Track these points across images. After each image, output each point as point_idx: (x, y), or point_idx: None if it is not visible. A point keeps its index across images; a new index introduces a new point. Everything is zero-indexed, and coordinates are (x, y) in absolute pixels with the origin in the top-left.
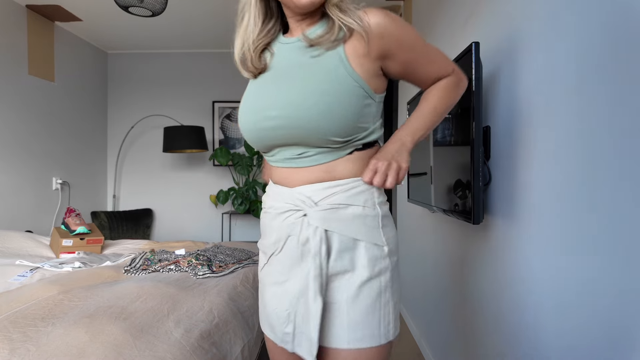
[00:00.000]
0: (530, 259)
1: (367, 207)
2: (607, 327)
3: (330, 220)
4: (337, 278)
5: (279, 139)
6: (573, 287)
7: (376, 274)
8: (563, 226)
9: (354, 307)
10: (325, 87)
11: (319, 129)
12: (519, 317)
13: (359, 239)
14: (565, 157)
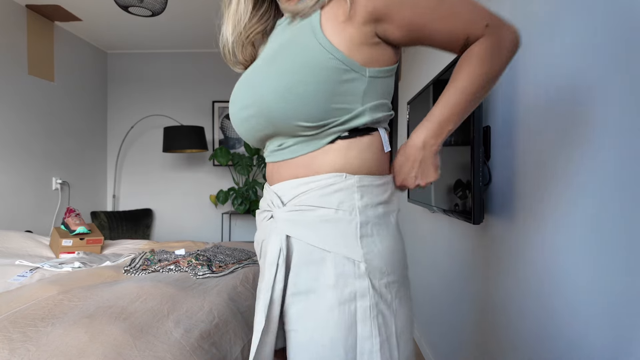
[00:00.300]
0: (530, 259)
1: (342, 210)
2: (608, 327)
3: (294, 225)
4: (298, 300)
5: (256, 129)
6: (574, 287)
7: (347, 298)
8: (564, 226)
9: (316, 337)
10: (287, 64)
11: (282, 113)
12: (519, 317)
13: (326, 249)
14: (566, 157)
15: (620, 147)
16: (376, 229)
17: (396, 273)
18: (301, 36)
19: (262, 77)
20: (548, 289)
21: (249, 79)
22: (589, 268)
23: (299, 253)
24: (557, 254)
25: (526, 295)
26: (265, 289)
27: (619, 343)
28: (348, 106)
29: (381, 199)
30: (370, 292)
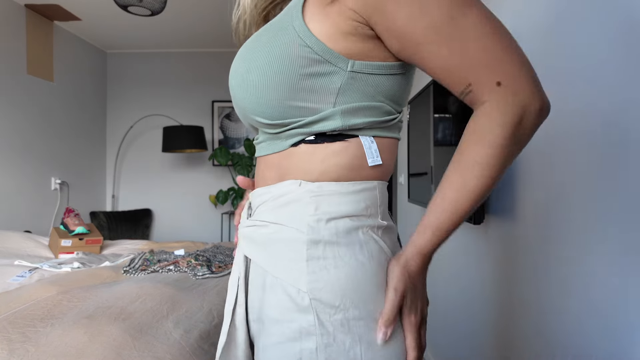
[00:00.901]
0: (531, 260)
1: (290, 226)
2: (610, 327)
3: (249, 243)
4: (259, 328)
5: (240, 116)
6: (575, 287)
7: (292, 336)
8: (564, 226)
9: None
10: (253, 46)
11: (242, 103)
12: (519, 317)
13: (275, 275)
14: (566, 157)
15: (620, 146)
16: (331, 250)
17: (362, 308)
18: (282, 17)
19: (235, 58)
20: (548, 289)
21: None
22: (590, 268)
23: (255, 275)
24: (557, 255)
25: (526, 295)
26: (227, 311)
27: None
28: (312, 105)
29: (348, 209)
30: (317, 330)
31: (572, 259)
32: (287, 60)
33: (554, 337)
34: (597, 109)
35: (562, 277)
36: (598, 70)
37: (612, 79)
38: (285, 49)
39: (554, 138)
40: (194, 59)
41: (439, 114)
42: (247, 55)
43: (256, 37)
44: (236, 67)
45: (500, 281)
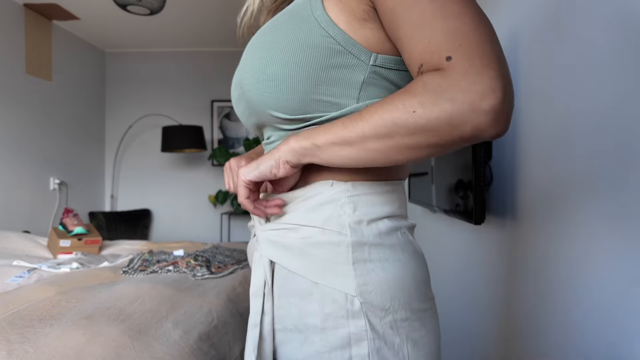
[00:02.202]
0: (531, 260)
1: (329, 229)
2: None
3: (276, 247)
4: (287, 338)
5: (244, 114)
6: (575, 287)
7: (339, 344)
8: (565, 226)
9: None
10: (269, 37)
11: (256, 98)
12: (519, 318)
13: (313, 280)
14: (567, 157)
15: (621, 147)
16: (376, 252)
17: (407, 308)
18: (298, 5)
19: (246, 51)
20: (548, 289)
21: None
22: (591, 268)
23: (285, 281)
24: (558, 255)
25: (526, 296)
26: (253, 324)
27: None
28: (336, 100)
29: (386, 210)
30: (368, 334)
31: (572, 259)
32: (310, 51)
33: (554, 337)
34: (597, 109)
35: (563, 277)
36: (598, 69)
37: (612, 79)
38: (307, 40)
39: (554, 138)
40: (194, 58)
41: None
42: (264, 47)
43: (271, 28)
44: (250, 59)
45: (501, 281)
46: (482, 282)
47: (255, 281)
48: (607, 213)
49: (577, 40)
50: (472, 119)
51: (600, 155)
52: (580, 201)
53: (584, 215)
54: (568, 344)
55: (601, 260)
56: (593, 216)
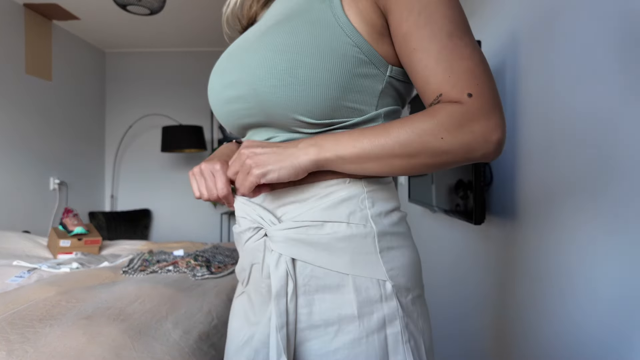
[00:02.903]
0: (532, 260)
1: (354, 223)
2: (610, 327)
3: (295, 245)
4: (313, 335)
5: (240, 114)
6: (575, 287)
7: (375, 327)
8: (564, 226)
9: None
10: (292, 38)
11: (278, 100)
12: (519, 317)
13: (343, 272)
14: (567, 157)
15: (621, 147)
16: (396, 240)
17: (419, 286)
18: (315, 9)
19: (258, 48)
20: (548, 289)
21: (240, 48)
22: (590, 269)
23: (309, 278)
24: (558, 255)
25: (526, 296)
26: (279, 325)
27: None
28: (361, 107)
29: (393, 202)
30: (400, 313)
31: (572, 259)
32: (338, 59)
33: (555, 337)
34: (597, 109)
35: (563, 278)
36: (598, 69)
37: (612, 79)
38: (334, 47)
39: (554, 137)
40: (193, 58)
41: None
42: (287, 49)
43: (288, 31)
44: (269, 60)
45: (501, 281)
46: (481, 282)
47: (276, 282)
48: (607, 213)
49: (577, 40)
50: (483, 148)
51: (600, 155)
52: (579, 201)
53: (583, 215)
54: (568, 343)
55: (601, 260)
56: (592, 216)
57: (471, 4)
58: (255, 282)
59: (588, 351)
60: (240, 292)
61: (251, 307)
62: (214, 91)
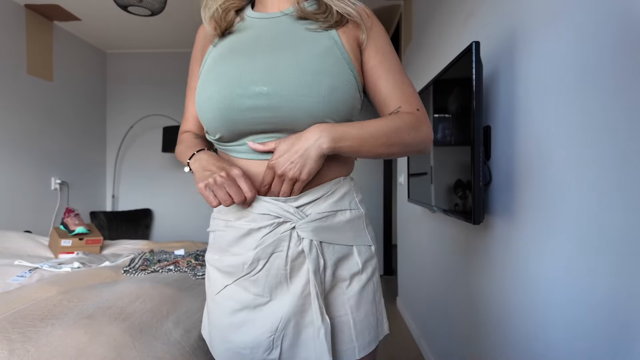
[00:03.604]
0: (531, 260)
1: (353, 209)
2: (610, 327)
3: (321, 231)
4: (334, 291)
5: (258, 122)
6: (574, 287)
7: (370, 275)
8: (563, 226)
9: (358, 315)
10: (326, 66)
11: (316, 112)
12: (519, 317)
13: (351, 244)
14: (566, 157)
15: (620, 147)
16: (368, 218)
17: None
18: (326, 44)
19: (297, 69)
20: (548, 289)
21: (263, 65)
22: (589, 269)
23: (332, 253)
24: (557, 255)
25: (526, 295)
26: (319, 294)
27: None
28: (353, 116)
29: (361, 192)
30: (375, 264)
31: (572, 259)
32: (348, 86)
33: (555, 337)
34: (596, 109)
35: (562, 277)
36: (598, 69)
37: (612, 78)
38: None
39: (554, 138)
40: None
41: (438, 114)
42: (321, 71)
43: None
44: (304, 80)
45: (500, 280)
46: (481, 281)
47: (312, 262)
48: (606, 213)
49: (577, 40)
50: (426, 143)
51: (599, 155)
52: (579, 201)
53: (582, 215)
54: (568, 342)
55: (600, 260)
56: (592, 216)
57: (470, 4)
58: (273, 268)
59: (588, 348)
60: (226, 286)
61: (260, 290)
62: (225, 99)
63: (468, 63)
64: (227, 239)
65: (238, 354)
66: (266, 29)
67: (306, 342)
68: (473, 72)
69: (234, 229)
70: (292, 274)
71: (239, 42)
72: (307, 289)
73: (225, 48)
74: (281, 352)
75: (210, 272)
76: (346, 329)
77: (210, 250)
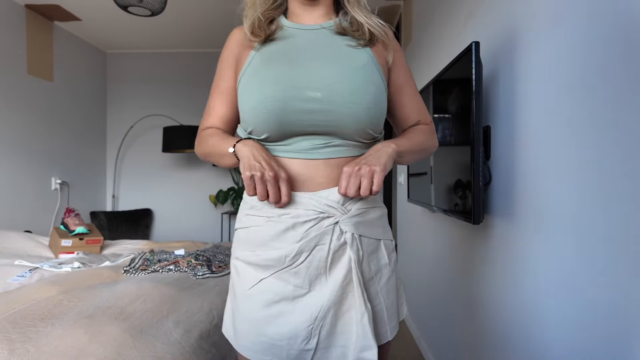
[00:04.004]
0: (530, 259)
1: (379, 207)
2: (609, 327)
3: (360, 225)
4: (368, 282)
5: (310, 124)
6: (574, 287)
7: (393, 267)
8: (563, 226)
9: (387, 302)
10: (370, 78)
11: (362, 120)
12: (519, 317)
13: (380, 238)
14: (565, 157)
15: (620, 147)
16: None
17: None
18: (365, 59)
19: (350, 79)
20: (549, 288)
21: (318, 72)
22: (588, 268)
23: (367, 246)
24: (557, 254)
25: (526, 295)
26: (361, 282)
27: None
28: (381, 129)
29: None
30: (396, 257)
31: (571, 259)
32: (384, 97)
33: (555, 337)
34: (596, 109)
35: (562, 277)
36: (598, 69)
37: (612, 78)
38: (383, 90)
39: (554, 137)
40: (194, 59)
41: (438, 114)
42: (367, 82)
43: (361, 67)
44: (364, 89)
45: (499, 280)
46: (480, 281)
47: (354, 254)
48: (606, 213)
49: (577, 40)
50: (436, 148)
51: (599, 155)
52: (578, 201)
53: (582, 215)
54: (567, 342)
55: (600, 260)
56: (591, 216)
57: (470, 4)
58: (315, 260)
59: (587, 348)
60: (263, 278)
61: (300, 282)
62: (280, 101)
63: (468, 63)
64: (269, 233)
65: (273, 345)
66: (309, 39)
67: (344, 328)
68: (473, 72)
69: (277, 223)
70: (332, 266)
71: (286, 50)
72: (347, 278)
73: (272, 54)
74: (318, 340)
75: (240, 267)
76: (380, 315)
77: (239, 247)
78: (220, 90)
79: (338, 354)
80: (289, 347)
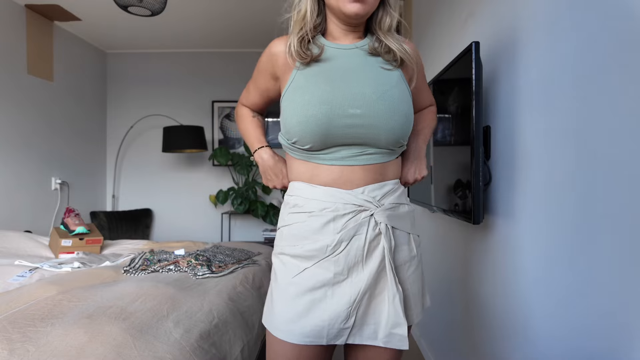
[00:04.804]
0: (530, 259)
1: (408, 204)
2: (609, 327)
3: (392, 218)
4: (400, 267)
5: (350, 137)
6: (574, 287)
7: (420, 258)
8: (563, 226)
9: (414, 289)
10: (402, 96)
11: (396, 132)
12: (519, 317)
13: (409, 232)
14: (565, 157)
15: (619, 147)
16: None
17: None
18: (398, 80)
19: (387, 99)
20: (549, 288)
21: (358, 91)
22: (590, 268)
23: (398, 237)
24: (557, 254)
25: (526, 295)
26: (393, 268)
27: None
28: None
29: None
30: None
31: (571, 259)
32: (412, 114)
33: (555, 336)
34: (596, 108)
35: (562, 277)
36: (598, 68)
37: (612, 78)
38: (411, 108)
39: (553, 138)
40: (194, 59)
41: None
42: (403, 99)
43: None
44: (400, 108)
45: (499, 280)
46: (480, 281)
47: (387, 243)
48: (606, 213)
49: (576, 40)
50: None
51: (599, 155)
52: (578, 201)
53: (582, 215)
54: (567, 341)
55: (599, 260)
56: (591, 216)
57: (470, 4)
58: (353, 249)
59: (589, 349)
60: (307, 267)
61: (340, 270)
62: (325, 117)
63: (468, 63)
64: (312, 226)
65: (316, 326)
66: (346, 60)
67: (376, 308)
68: (473, 72)
69: (319, 217)
70: (368, 254)
71: (328, 69)
72: (381, 265)
73: (316, 74)
74: (355, 319)
75: (284, 260)
76: (407, 299)
77: (283, 242)
78: (256, 86)
79: (370, 331)
80: (329, 327)
